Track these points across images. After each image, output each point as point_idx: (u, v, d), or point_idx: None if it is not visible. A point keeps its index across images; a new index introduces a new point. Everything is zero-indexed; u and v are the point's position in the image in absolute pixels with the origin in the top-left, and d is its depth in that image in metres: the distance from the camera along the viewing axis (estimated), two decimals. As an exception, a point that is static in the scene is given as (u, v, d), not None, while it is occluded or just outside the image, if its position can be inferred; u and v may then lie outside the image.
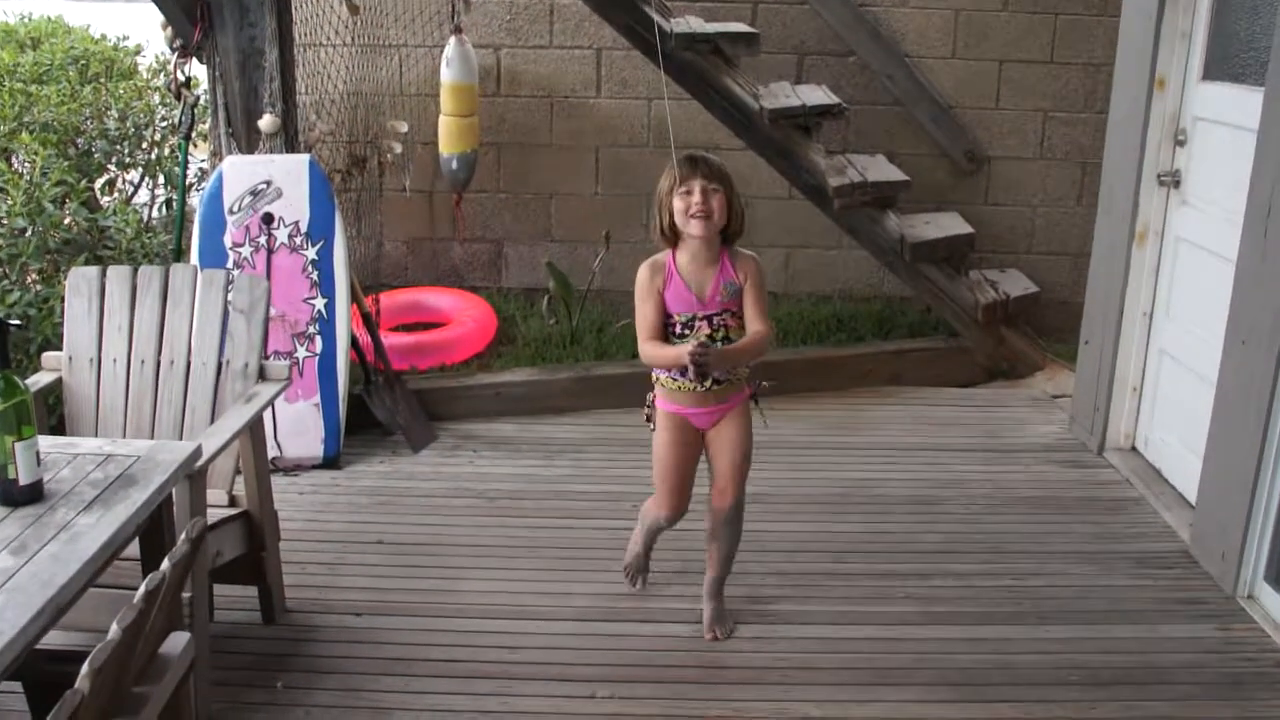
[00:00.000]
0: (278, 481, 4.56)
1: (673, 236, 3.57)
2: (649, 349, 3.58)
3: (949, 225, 6.41)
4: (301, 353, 5.07)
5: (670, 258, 3.58)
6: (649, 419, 3.76)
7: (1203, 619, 4.02)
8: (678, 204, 3.50)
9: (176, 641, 2.48)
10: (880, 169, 6.24)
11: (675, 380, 3.62)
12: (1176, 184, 4.91)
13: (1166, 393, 5.03)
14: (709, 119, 6.11)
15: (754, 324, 3.55)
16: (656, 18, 5.64)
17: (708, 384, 3.57)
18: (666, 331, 3.59)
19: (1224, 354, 4.23)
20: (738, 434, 3.70)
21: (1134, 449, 5.27)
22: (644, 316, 3.58)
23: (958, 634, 3.90)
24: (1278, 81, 3.90)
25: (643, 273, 3.58)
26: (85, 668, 1.93)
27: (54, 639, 2.55)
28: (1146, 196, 5.01)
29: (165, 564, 2.25)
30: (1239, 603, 4.09)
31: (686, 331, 3.56)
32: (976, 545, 4.52)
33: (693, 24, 5.85)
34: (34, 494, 2.74)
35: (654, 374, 3.69)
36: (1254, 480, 3.99)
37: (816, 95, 6.23)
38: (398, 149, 6.03)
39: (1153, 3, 4.86)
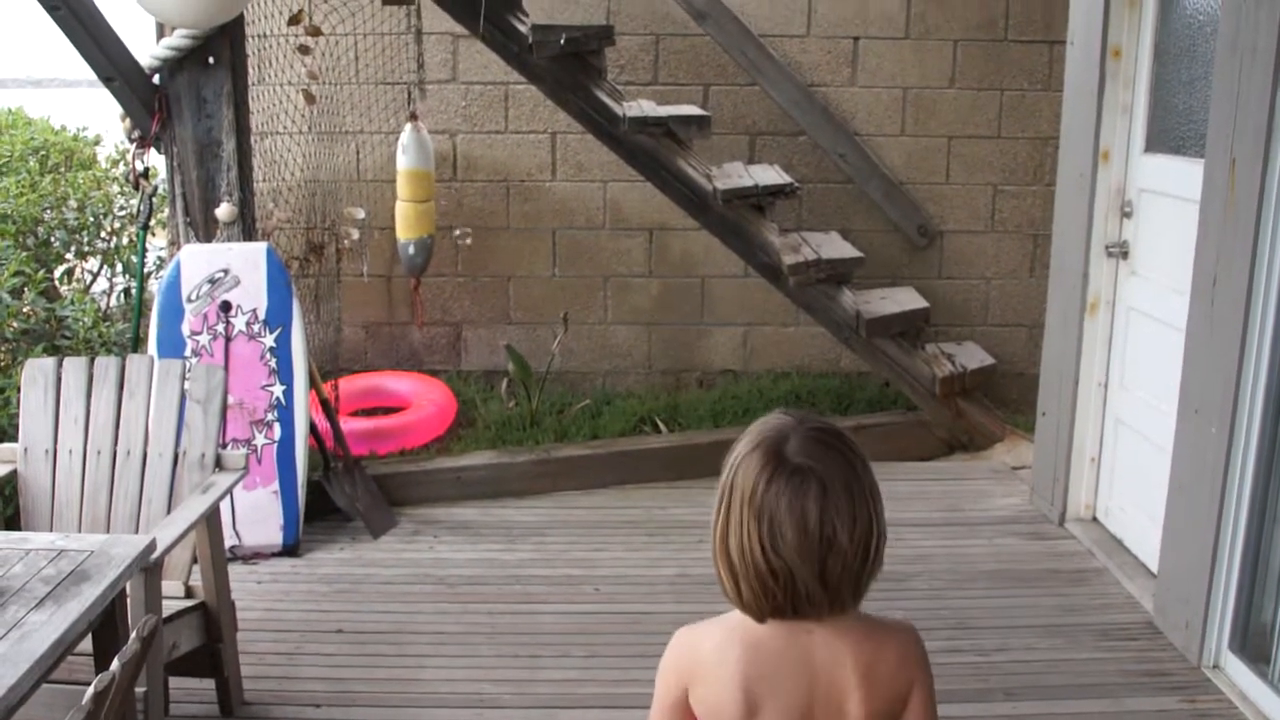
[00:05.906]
0: (236, 570, 4.51)
1: None
2: None
3: (904, 300, 6.45)
4: (260, 440, 5.04)
5: None
6: None
7: (1169, 690, 4.01)
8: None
9: (130, 740, 2.44)
10: (834, 246, 6.30)
11: None
12: (1125, 255, 4.97)
13: (1124, 462, 5.06)
14: (664, 200, 6.15)
15: None
16: (609, 102, 5.71)
17: None
18: None
19: (1178, 423, 4.27)
20: None
21: (1095, 519, 5.28)
22: None
23: (923, 711, 3.88)
24: (1216, 153, 3.98)
25: None
26: (34, 771, 1.90)
27: (4, 740, 2.51)
28: (1096, 267, 5.08)
29: (115, 664, 2.22)
30: (1204, 673, 4.08)
31: None
32: (941, 621, 4.50)
33: (645, 107, 5.91)
34: (-15, 592, 2.70)
35: None
36: (1214, 549, 4.00)
37: (769, 175, 6.29)
38: (355, 235, 6.05)
39: (1094, 78, 4.95)
